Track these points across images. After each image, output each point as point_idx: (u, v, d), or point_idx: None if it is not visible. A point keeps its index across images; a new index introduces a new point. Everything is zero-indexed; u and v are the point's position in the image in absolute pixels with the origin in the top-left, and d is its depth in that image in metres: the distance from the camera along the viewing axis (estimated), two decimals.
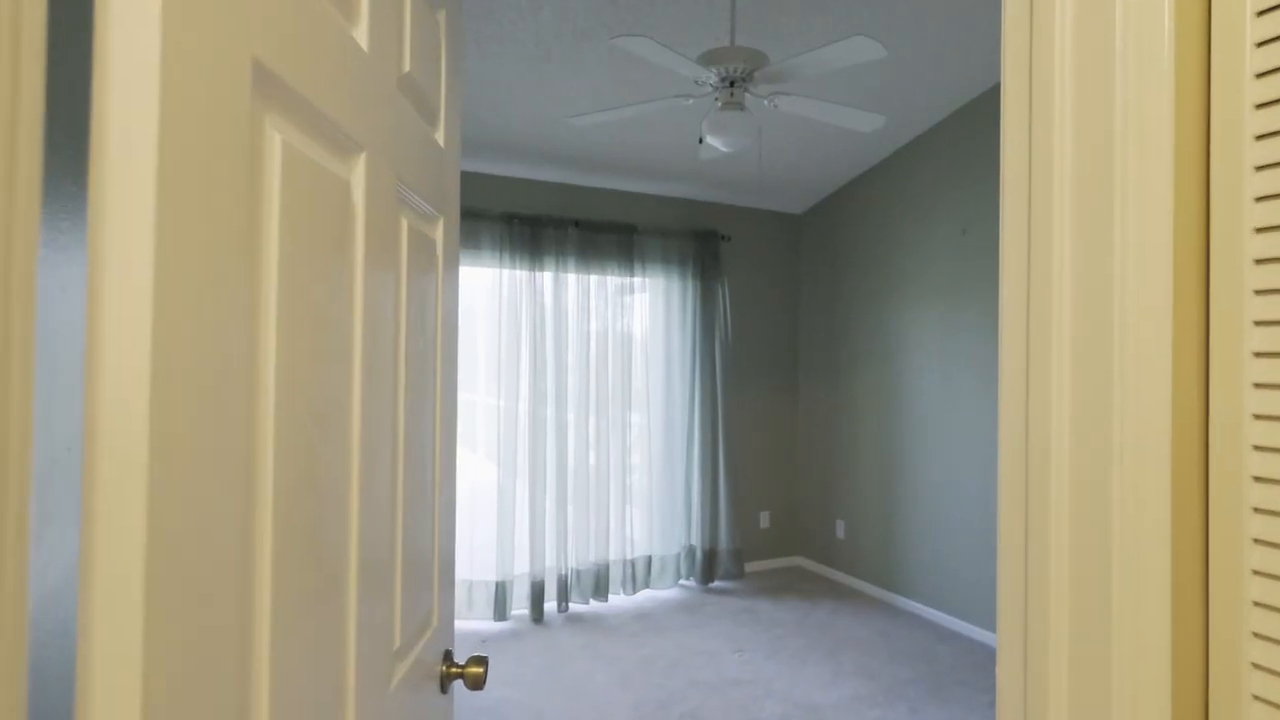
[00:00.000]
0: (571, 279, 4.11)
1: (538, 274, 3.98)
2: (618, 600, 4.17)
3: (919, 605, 3.98)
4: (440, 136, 1.10)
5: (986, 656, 3.42)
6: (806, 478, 4.92)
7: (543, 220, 4.01)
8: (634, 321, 4.31)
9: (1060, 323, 0.70)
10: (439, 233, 1.09)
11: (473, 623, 3.80)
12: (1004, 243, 0.78)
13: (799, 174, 4.40)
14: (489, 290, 3.96)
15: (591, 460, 4.13)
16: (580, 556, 4.06)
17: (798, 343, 5.02)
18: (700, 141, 2.70)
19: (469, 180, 3.95)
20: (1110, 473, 0.66)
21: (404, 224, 0.91)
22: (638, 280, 4.36)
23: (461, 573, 3.83)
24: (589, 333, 4.13)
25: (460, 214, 3.83)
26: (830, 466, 4.69)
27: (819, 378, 4.81)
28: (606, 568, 4.10)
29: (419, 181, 0.97)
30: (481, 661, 1.10)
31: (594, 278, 4.18)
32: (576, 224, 4.11)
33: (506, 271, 3.92)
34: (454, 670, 1.10)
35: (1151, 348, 0.64)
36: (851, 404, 4.52)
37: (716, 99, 2.70)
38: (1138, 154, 0.65)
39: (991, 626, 3.57)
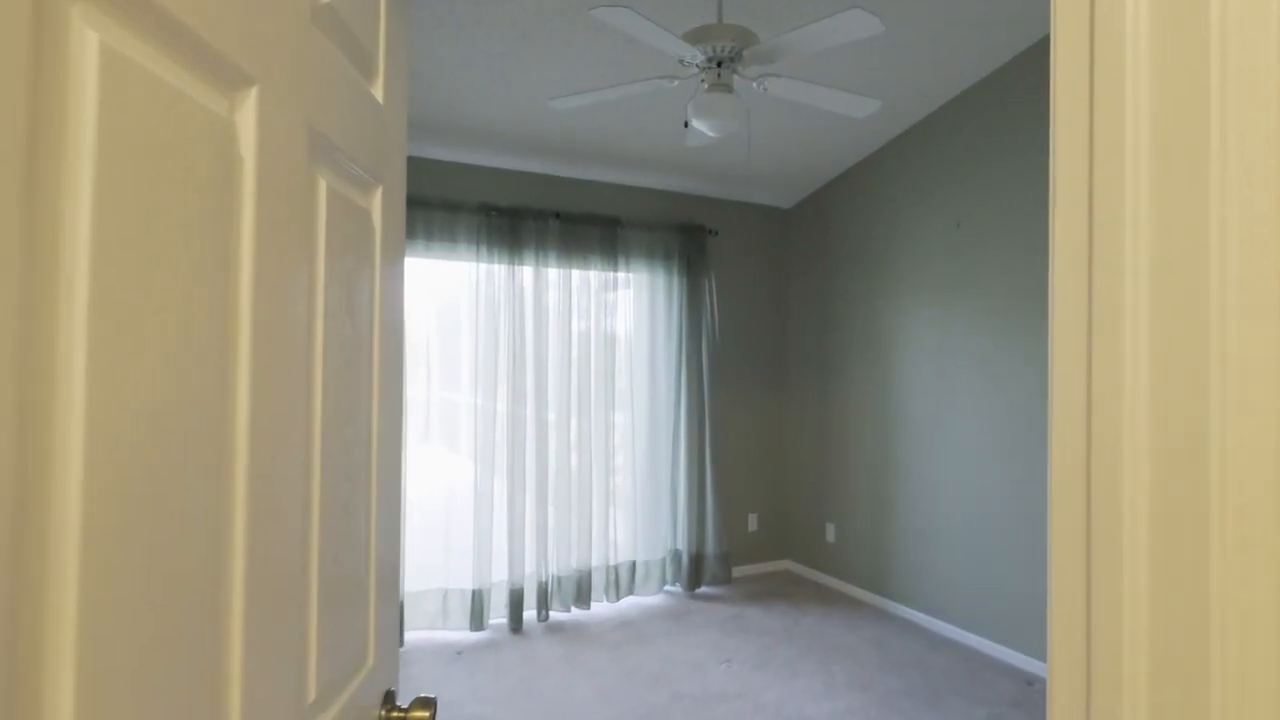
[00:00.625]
0: (553, 273, 3.95)
1: (517, 268, 3.82)
2: (600, 608, 4.01)
3: (912, 611, 3.86)
4: (379, 92, 0.94)
5: (982, 665, 3.29)
6: (796, 479, 4.79)
7: (522, 212, 3.84)
8: (618, 317, 4.16)
9: (1135, 303, 0.56)
10: (376, 203, 0.93)
11: (448, 633, 3.63)
12: (1056, 216, 0.64)
13: (788, 167, 4.26)
14: (466, 285, 3.79)
15: (573, 462, 3.97)
16: (561, 562, 3.90)
17: (787, 340, 4.88)
18: (686, 125, 2.55)
19: (444, 170, 3.78)
20: (1205, 474, 0.52)
21: (321, 185, 0.75)
22: (622, 275, 4.21)
23: (436, 581, 3.66)
24: (571, 329, 3.97)
25: (435, 205, 3.65)
26: (820, 467, 4.56)
27: (809, 376, 4.68)
28: (589, 574, 3.94)
29: (347, 138, 0.81)
30: (428, 704, 0.95)
31: (576, 272, 4.02)
32: (558, 216, 3.95)
33: (484, 266, 3.75)
34: (395, 715, 0.94)
35: (1259, 321, 0.49)
36: (842, 403, 4.39)
37: (703, 80, 2.55)
38: (1238, 100, 0.51)
39: (987, 633, 3.44)
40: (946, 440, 3.69)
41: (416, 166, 3.71)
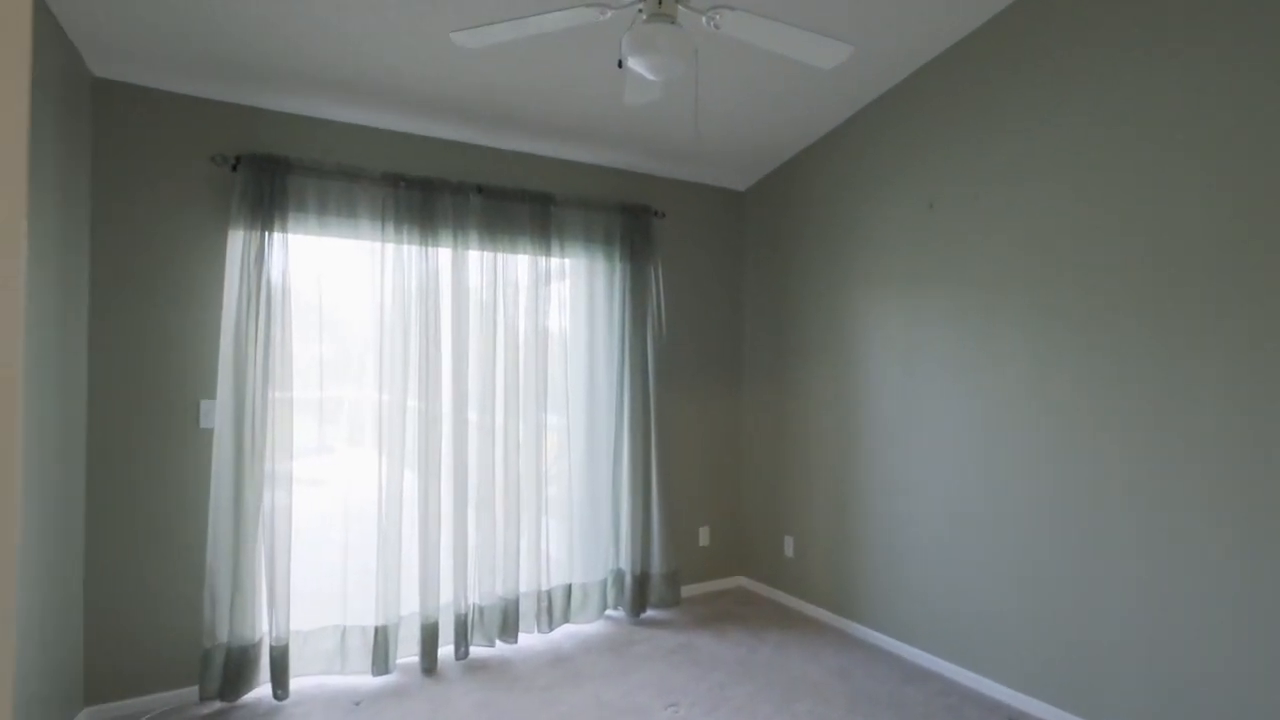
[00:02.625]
0: (474, 256, 3.43)
1: (431, 249, 3.28)
2: (529, 640, 3.51)
3: (879, 635, 3.46)
4: None
5: (961, 699, 2.91)
6: (752, 487, 4.36)
7: (436, 184, 3.31)
8: (551, 307, 3.66)
9: None
10: None
11: (346, 678, 3.08)
12: None
13: (743, 144, 3.82)
14: (368, 267, 3.24)
15: (499, 471, 3.46)
16: (484, 589, 3.38)
17: (742, 334, 4.45)
18: (620, 65, 2.08)
19: (338, 132, 3.22)
20: None
21: None
22: (555, 260, 3.71)
23: (333, 617, 3.11)
24: (496, 318, 3.46)
25: (330, 173, 3.09)
26: (778, 475, 4.14)
27: (766, 374, 4.26)
28: (516, 601, 3.43)
29: None
30: None
31: (503, 255, 3.51)
32: (480, 190, 3.43)
33: (391, 245, 3.21)
34: None
35: None
36: (803, 404, 3.98)
37: (641, 10, 2.08)
38: None
39: (964, 662, 3.06)
40: (917, 445, 3.30)
41: (303, 126, 3.14)
